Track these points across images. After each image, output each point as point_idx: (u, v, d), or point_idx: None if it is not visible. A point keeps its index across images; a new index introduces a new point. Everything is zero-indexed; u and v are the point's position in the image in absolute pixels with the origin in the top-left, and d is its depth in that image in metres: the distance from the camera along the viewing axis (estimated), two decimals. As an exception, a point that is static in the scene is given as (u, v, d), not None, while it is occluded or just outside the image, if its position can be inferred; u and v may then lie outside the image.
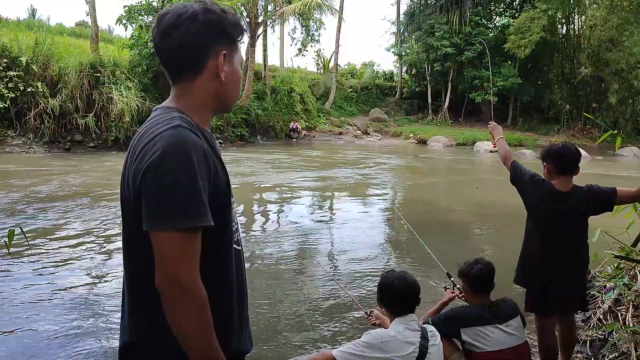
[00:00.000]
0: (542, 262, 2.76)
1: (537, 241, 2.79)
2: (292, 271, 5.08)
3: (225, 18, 1.26)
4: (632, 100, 27.11)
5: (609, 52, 25.44)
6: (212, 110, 1.31)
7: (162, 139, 1.12)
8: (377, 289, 2.40)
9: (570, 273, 2.78)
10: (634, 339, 2.83)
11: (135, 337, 1.23)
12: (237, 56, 1.32)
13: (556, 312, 2.88)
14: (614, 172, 14.22)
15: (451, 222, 7.84)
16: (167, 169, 1.08)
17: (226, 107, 1.36)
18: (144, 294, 1.19)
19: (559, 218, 2.71)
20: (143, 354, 1.21)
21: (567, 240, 2.75)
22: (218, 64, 1.25)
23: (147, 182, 1.10)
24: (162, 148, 1.10)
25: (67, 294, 4.29)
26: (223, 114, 1.41)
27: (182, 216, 1.08)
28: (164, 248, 1.08)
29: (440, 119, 29.72)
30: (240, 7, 21.14)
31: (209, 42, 1.24)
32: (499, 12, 32.88)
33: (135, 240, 1.18)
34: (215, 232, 1.16)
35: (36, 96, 15.08)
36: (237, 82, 1.33)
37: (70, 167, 12.28)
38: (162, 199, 1.08)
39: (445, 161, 18.25)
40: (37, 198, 8.18)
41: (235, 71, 1.31)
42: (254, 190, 10.05)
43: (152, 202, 1.09)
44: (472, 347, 2.46)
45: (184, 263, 1.09)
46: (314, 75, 33.50)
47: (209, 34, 1.23)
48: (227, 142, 20.32)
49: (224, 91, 1.29)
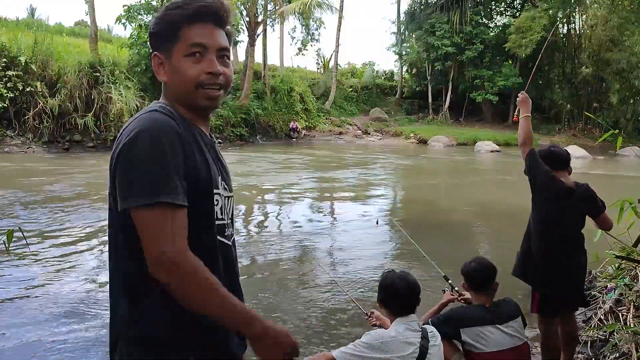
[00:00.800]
0: (543, 262, 2.76)
1: (539, 239, 2.78)
2: (291, 272, 5.06)
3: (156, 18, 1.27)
4: (633, 100, 27.14)
5: (609, 52, 25.45)
6: (183, 105, 1.26)
7: (136, 121, 1.16)
8: (377, 289, 2.38)
9: (570, 272, 2.79)
10: (635, 340, 2.82)
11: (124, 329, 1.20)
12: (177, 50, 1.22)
13: (558, 313, 2.87)
14: (614, 172, 14.19)
15: (451, 223, 7.82)
16: (138, 149, 1.10)
17: (191, 104, 1.25)
18: (127, 287, 1.18)
19: (567, 213, 2.75)
20: (132, 346, 1.18)
21: (569, 238, 2.77)
22: (154, 67, 1.28)
23: (120, 162, 1.12)
24: (135, 129, 1.13)
25: (65, 294, 4.27)
26: (202, 111, 1.28)
27: (152, 192, 1.07)
28: (144, 226, 1.08)
29: (440, 118, 29.70)
30: (239, 7, 21.14)
31: (152, 46, 1.29)
32: (500, 11, 32.90)
33: (116, 228, 1.20)
34: (194, 217, 1.15)
35: (35, 96, 15.08)
36: (181, 75, 1.22)
37: (70, 166, 12.27)
38: (131, 176, 1.10)
39: (446, 161, 18.24)
40: (37, 198, 8.16)
41: (175, 68, 1.23)
42: (253, 190, 10.03)
43: (125, 181, 1.11)
44: (472, 347, 2.46)
45: (170, 238, 1.07)
46: (314, 74, 33.49)
47: (150, 38, 1.29)
48: (227, 141, 20.31)
49: (173, 89, 1.26)
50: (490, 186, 12.53)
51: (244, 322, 1.13)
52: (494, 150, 22.03)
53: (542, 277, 2.77)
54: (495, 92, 27.38)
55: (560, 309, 2.86)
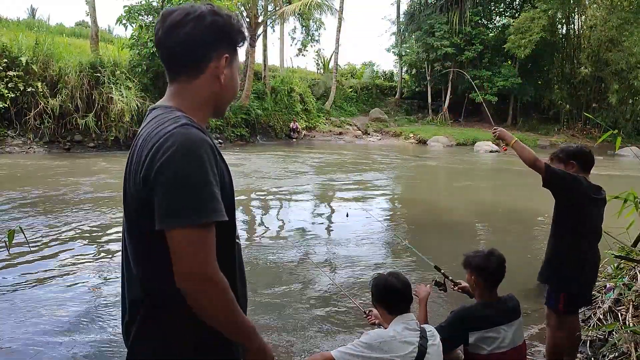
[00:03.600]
0: (578, 260, 2.84)
1: (571, 238, 2.86)
2: (289, 272, 5.06)
3: (231, 23, 1.29)
4: (632, 100, 27.12)
5: (609, 52, 25.44)
6: (209, 111, 1.32)
7: (172, 137, 1.13)
8: (371, 292, 2.41)
9: (596, 268, 2.98)
10: (634, 339, 2.83)
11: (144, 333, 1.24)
12: (236, 61, 1.34)
13: (578, 310, 3.02)
14: (613, 172, 14.20)
15: (450, 222, 7.83)
16: (180, 167, 1.10)
17: (221, 110, 1.37)
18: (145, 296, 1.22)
19: (597, 211, 2.89)
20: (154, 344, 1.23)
21: (597, 235, 2.92)
22: (219, 66, 1.27)
23: (161, 180, 1.10)
24: (173, 146, 1.11)
25: (67, 295, 4.29)
26: (215, 118, 1.41)
27: (199, 211, 1.09)
28: (183, 244, 1.09)
29: (440, 119, 29.69)
30: (240, 7, 21.14)
31: (213, 44, 1.26)
32: (499, 12, 32.88)
33: (141, 238, 1.20)
34: (225, 227, 1.19)
35: (36, 96, 15.07)
36: (234, 86, 1.35)
37: (70, 167, 12.28)
38: (177, 195, 1.09)
39: (445, 161, 18.24)
40: (38, 198, 8.17)
41: (234, 76, 1.33)
42: (253, 191, 10.04)
43: (167, 200, 1.10)
44: (477, 349, 2.43)
45: (208, 256, 1.11)
46: (313, 75, 33.48)
47: (214, 36, 1.26)
48: (227, 142, 20.31)
49: (222, 94, 1.31)
50: (489, 186, 12.54)
51: (248, 336, 1.23)
52: (493, 150, 22.04)
53: (576, 274, 2.84)
54: (494, 92, 27.38)
55: (581, 305, 3.05)
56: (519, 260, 5.49)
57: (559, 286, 2.89)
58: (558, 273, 2.88)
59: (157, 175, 1.11)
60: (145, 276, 1.22)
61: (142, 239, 1.20)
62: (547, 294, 2.97)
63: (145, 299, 1.21)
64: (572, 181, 2.83)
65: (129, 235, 1.25)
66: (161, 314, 1.20)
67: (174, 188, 1.09)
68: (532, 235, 6.79)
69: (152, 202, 1.12)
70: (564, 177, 2.83)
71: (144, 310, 1.22)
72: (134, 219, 1.21)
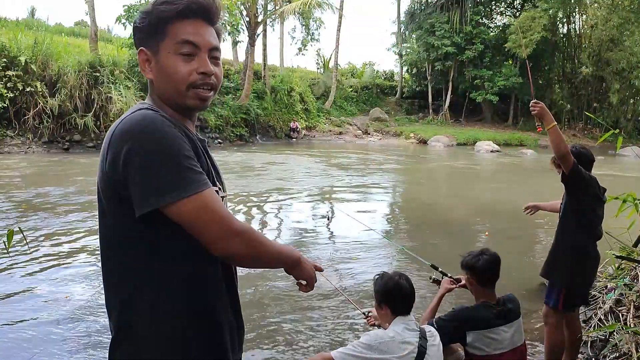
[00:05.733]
0: (583, 257, 2.89)
1: (578, 236, 2.90)
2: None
3: (141, 13, 1.21)
4: (633, 99, 27.16)
5: (609, 52, 25.47)
6: (170, 106, 1.22)
7: (130, 121, 1.09)
8: (375, 291, 2.36)
9: (596, 268, 3.04)
10: (635, 340, 2.82)
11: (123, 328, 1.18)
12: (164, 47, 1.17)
13: (576, 307, 3.03)
14: (615, 172, 14.18)
15: (450, 221, 7.80)
16: (150, 146, 1.05)
17: (177, 102, 1.20)
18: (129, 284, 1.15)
19: (602, 212, 2.95)
20: (131, 345, 1.17)
21: (599, 236, 2.96)
22: (139, 64, 1.22)
23: (134, 164, 1.04)
24: (135, 128, 1.07)
25: (64, 294, 4.26)
26: (189, 111, 1.25)
27: (192, 181, 1.07)
28: (196, 214, 1.06)
29: (440, 118, 29.71)
30: (239, 7, 21.13)
31: (137, 42, 1.22)
32: (500, 11, 32.89)
33: (115, 233, 1.16)
34: None
35: (35, 96, 15.08)
36: (169, 74, 1.17)
37: (70, 167, 12.27)
38: (162, 173, 1.04)
39: (446, 161, 18.23)
40: (37, 198, 8.16)
41: (163, 66, 1.17)
42: (251, 190, 10.02)
43: (153, 181, 1.04)
44: (475, 349, 2.41)
45: (223, 214, 1.10)
46: (314, 74, 33.50)
47: (135, 34, 1.23)
48: (227, 141, 20.32)
49: (159, 88, 1.21)
50: (490, 186, 12.52)
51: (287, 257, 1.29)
52: (494, 150, 22.04)
53: (580, 271, 2.89)
54: (495, 92, 27.39)
55: (580, 304, 3.07)
56: (519, 260, 5.47)
57: (560, 281, 2.89)
58: (561, 268, 2.90)
59: (127, 161, 1.05)
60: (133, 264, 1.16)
61: (126, 229, 1.14)
62: (547, 292, 2.96)
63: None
64: (590, 182, 2.86)
65: (105, 229, 1.19)
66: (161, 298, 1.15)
67: (151, 167, 1.04)
68: (533, 235, 6.77)
69: (119, 194, 1.08)
70: (584, 177, 2.83)
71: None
72: (105, 214, 1.16)
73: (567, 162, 2.74)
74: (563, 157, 2.73)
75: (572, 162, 2.74)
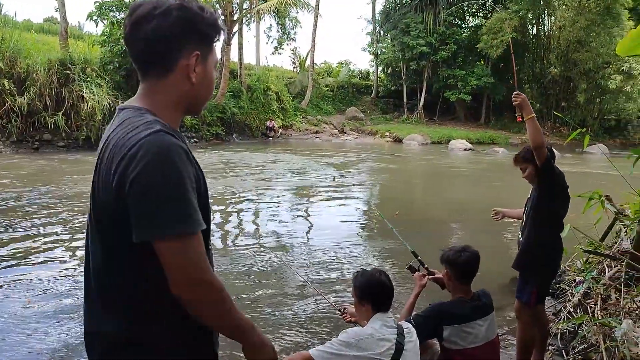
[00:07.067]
0: (552, 250, 2.98)
1: (552, 228, 2.98)
2: (265, 274, 4.99)
3: (202, 16, 1.20)
4: (599, 99, 27.98)
5: (577, 53, 26.19)
6: (181, 111, 1.26)
7: (145, 146, 1.07)
8: (355, 287, 2.36)
9: (562, 256, 3.12)
10: (603, 331, 2.91)
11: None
12: (211, 57, 1.26)
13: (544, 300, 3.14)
14: (582, 169, 14.63)
15: (427, 218, 7.92)
16: (156, 178, 1.05)
17: (195, 110, 1.30)
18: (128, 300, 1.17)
19: (568, 203, 3.03)
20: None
21: (562, 227, 3.03)
22: (189, 65, 1.20)
23: (137, 192, 1.06)
24: (147, 155, 1.06)
25: (54, 298, 4.17)
26: (191, 116, 1.36)
27: (181, 221, 1.07)
28: (173, 253, 1.07)
29: (415, 117, 30.04)
30: (215, 5, 20.89)
31: (181, 40, 1.18)
32: (472, 12, 33.43)
33: (118, 248, 1.15)
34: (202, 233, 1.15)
35: (2, 94, 14.58)
36: (209, 85, 1.28)
37: (40, 167, 11.93)
38: (155, 206, 1.06)
39: (420, 159, 18.46)
40: (12, 201, 7.92)
41: (208, 73, 1.26)
42: (227, 190, 9.95)
43: (146, 211, 1.06)
44: (451, 344, 2.44)
45: (202, 263, 1.11)
46: (290, 73, 33.41)
47: (182, 31, 1.18)
48: (203, 140, 20.07)
49: (194, 93, 1.24)
50: (463, 184, 12.75)
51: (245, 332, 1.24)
52: (466, 148, 22.43)
53: (551, 264, 3.01)
54: (468, 91, 27.86)
55: (547, 295, 3.22)
56: (491, 255, 5.59)
57: (534, 280, 2.95)
58: (534, 266, 2.96)
59: (132, 187, 1.06)
60: (120, 286, 1.17)
61: (116, 248, 1.15)
62: (520, 288, 3.01)
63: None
64: (559, 175, 2.96)
65: (102, 245, 1.19)
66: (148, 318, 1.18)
67: (151, 199, 1.05)
68: (504, 231, 6.92)
69: (127, 212, 1.08)
70: (554, 170, 2.92)
71: None
72: (107, 227, 1.16)
73: (541, 154, 2.83)
74: (538, 148, 2.82)
75: (546, 154, 2.83)
